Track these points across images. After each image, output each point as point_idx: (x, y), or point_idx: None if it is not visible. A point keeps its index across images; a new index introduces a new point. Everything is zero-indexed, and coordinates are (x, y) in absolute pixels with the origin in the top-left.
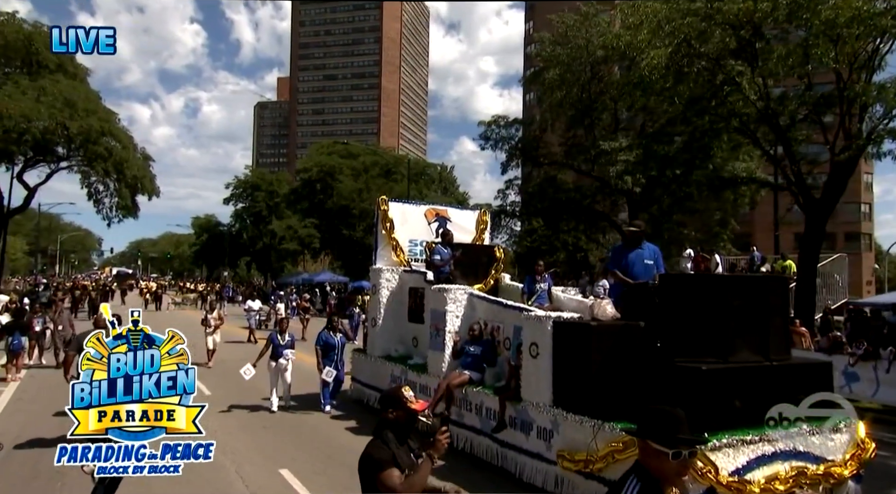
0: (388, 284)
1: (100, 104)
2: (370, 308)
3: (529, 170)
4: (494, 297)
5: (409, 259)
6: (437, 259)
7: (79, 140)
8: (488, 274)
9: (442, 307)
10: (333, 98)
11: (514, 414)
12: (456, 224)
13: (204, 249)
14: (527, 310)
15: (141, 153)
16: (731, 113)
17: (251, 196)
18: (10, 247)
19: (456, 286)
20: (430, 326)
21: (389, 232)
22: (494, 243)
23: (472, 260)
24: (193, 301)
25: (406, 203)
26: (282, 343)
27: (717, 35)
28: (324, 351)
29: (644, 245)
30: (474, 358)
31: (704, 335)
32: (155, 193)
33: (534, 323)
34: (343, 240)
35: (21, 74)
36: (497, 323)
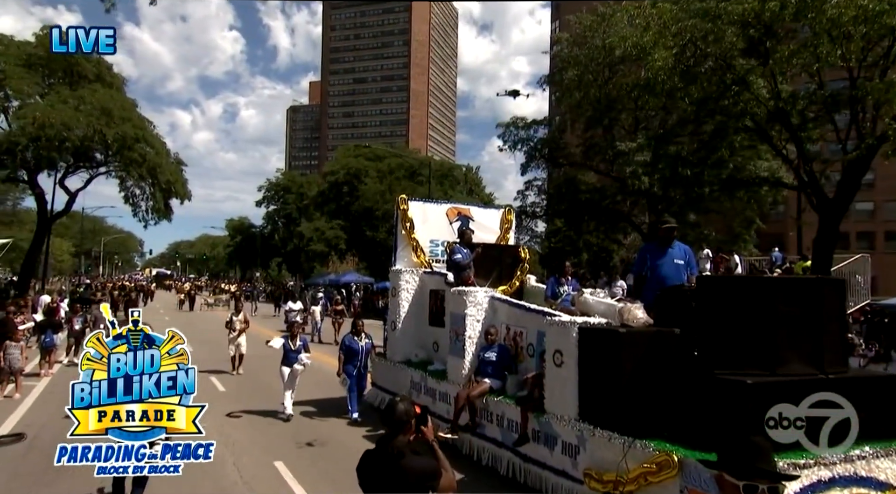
0: (408, 286)
1: (135, 112)
2: (389, 311)
3: (550, 171)
4: (517, 300)
5: (430, 260)
6: (458, 258)
7: (115, 146)
8: (513, 276)
9: (461, 310)
10: (363, 100)
11: (537, 427)
12: (479, 223)
13: (237, 250)
14: (550, 315)
15: (174, 158)
16: (742, 112)
17: (282, 198)
18: (56, 248)
19: (476, 288)
20: (450, 331)
21: (409, 232)
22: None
23: (496, 261)
24: (225, 302)
25: (427, 202)
26: (293, 348)
27: (727, 34)
28: (347, 356)
29: (675, 244)
30: (492, 364)
31: (749, 344)
32: (187, 197)
33: (558, 328)
34: (367, 242)
35: (62, 85)
36: (520, 328)
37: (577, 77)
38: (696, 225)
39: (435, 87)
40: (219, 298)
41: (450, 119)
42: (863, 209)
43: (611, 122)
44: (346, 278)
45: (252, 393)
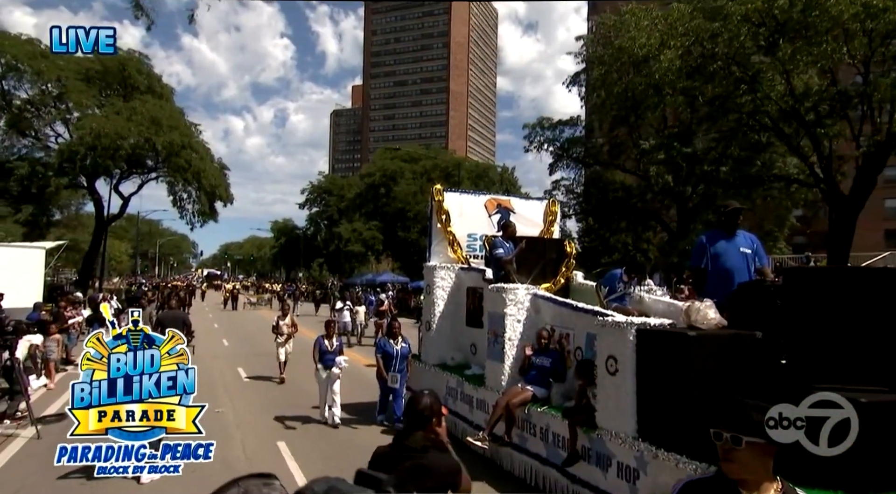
0: (444, 283)
1: (182, 120)
2: (424, 310)
3: (579, 171)
4: (563, 299)
5: (468, 255)
6: (500, 253)
7: (164, 153)
8: (558, 272)
9: (500, 309)
10: (403, 103)
11: (587, 444)
12: (520, 215)
13: (282, 251)
14: (602, 314)
15: (217, 163)
16: (755, 110)
17: (324, 200)
18: (115, 250)
19: (517, 285)
20: (489, 332)
21: (445, 225)
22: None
23: (539, 257)
24: (267, 301)
25: (464, 193)
26: (330, 349)
27: (739, 33)
28: (383, 360)
29: (738, 231)
30: (540, 370)
31: (858, 351)
32: (229, 200)
33: (611, 330)
34: (400, 242)
35: (116, 96)
36: (566, 330)
37: (602, 77)
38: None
39: (475, 88)
40: (261, 297)
41: (489, 120)
42: (891, 206)
43: (637, 121)
44: (382, 278)
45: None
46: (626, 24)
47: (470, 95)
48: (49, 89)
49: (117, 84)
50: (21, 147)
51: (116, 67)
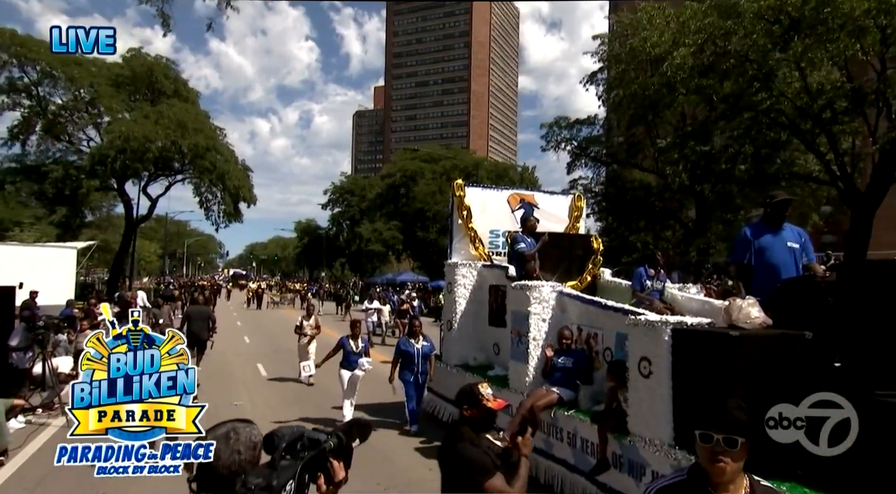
0: (465, 281)
1: (207, 123)
2: (445, 309)
3: (597, 170)
4: (591, 297)
5: (490, 252)
6: (521, 248)
7: (189, 155)
8: (584, 270)
9: (524, 308)
10: (425, 103)
11: (618, 451)
12: (545, 211)
13: (305, 251)
14: (634, 313)
15: (241, 165)
16: (770, 108)
17: (346, 201)
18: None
19: (541, 282)
20: (511, 331)
21: (466, 221)
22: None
23: (564, 253)
24: (290, 300)
25: (486, 188)
26: (355, 350)
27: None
28: (402, 360)
29: (784, 225)
30: (564, 372)
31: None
32: (253, 201)
33: (644, 330)
34: (419, 242)
35: (144, 101)
36: (594, 330)
37: (619, 75)
38: (726, 222)
39: (496, 88)
40: (284, 297)
41: (511, 119)
42: None
43: (654, 119)
44: (402, 277)
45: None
46: (638, 22)
47: (491, 95)
48: (82, 95)
49: (145, 88)
50: (55, 151)
51: (145, 73)
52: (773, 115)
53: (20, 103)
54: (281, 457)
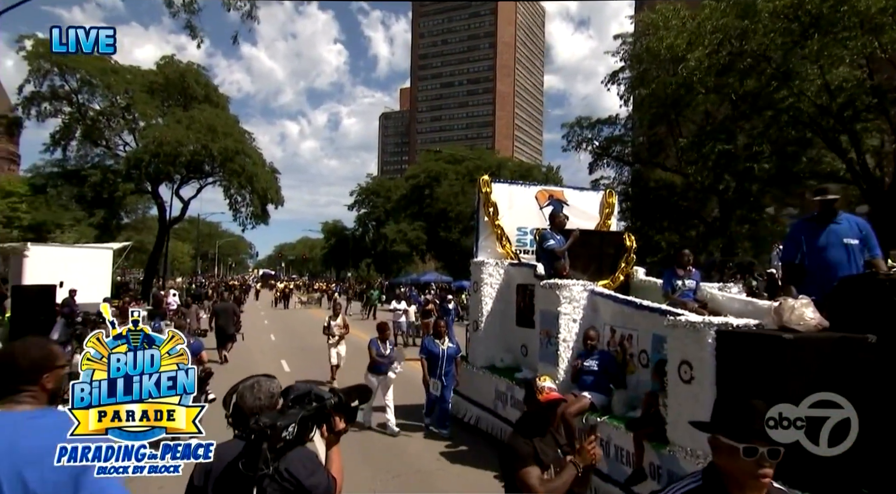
0: (492, 280)
1: (236, 127)
2: (471, 308)
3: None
4: (625, 296)
5: (517, 250)
6: (550, 245)
7: (219, 159)
8: (616, 268)
9: (554, 308)
10: (450, 104)
11: (656, 462)
12: (574, 208)
13: (332, 252)
14: (673, 314)
15: (269, 167)
16: (790, 106)
17: (371, 202)
18: (178, 251)
19: (572, 281)
20: (540, 332)
21: (493, 218)
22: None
23: (595, 251)
24: (317, 299)
25: (513, 184)
26: (384, 353)
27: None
28: (427, 362)
29: (841, 218)
30: (594, 375)
31: None
32: (280, 202)
33: (685, 331)
34: (441, 242)
35: (177, 106)
36: (628, 331)
37: (640, 75)
38: (747, 221)
39: (521, 88)
40: (311, 296)
41: (537, 119)
42: None
43: (676, 118)
44: (426, 277)
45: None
46: (654, 23)
47: (517, 95)
48: (118, 101)
49: (178, 94)
50: (94, 155)
51: (177, 79)
52: (792, 113)
53: (61, 110)
54: (289, 406)
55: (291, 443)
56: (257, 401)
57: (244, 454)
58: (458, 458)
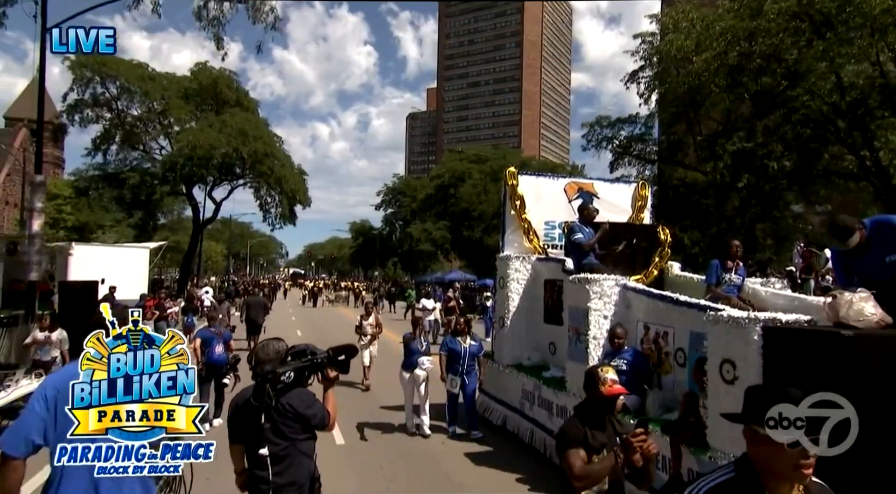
0: (518, 276)
1: (265, 131)
2: (497, 305)
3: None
4: (660, 291)
5: (545, 244)
6: (579, 238)
7: (249, 161)
8: (650, 263)
9: (584, 304)
10: (477, 104)
11: (696, 468)
12: (605, 201)
13: (359, 251)
14: (714, 309)
15: (297, 169)
16: (802, 104)
17: (398, 202)
18: (212, 251)
19: (602, 276)
20: (569, 329)
21: (520, 211)
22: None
23: (628, 244)
24: (344, 298)
25: (540, 176)
26: (419, 349)
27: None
28: (448, 360)
29: (873, 235)
30: (624, 375)
31: None
32: (307, 203)
33: (728, 328)
34: (465, 241)
35: (210, 111)
36: (663, 328)
37: (658, 75)
38: (797, 216)
39: (548, 87)
40: (339, 295)
41: (564, 117)
42: None
43: (696, 117)
44: (451, 276)
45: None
46: (665, 25)
47: (543, 93)
48: (154, 107)
49: (210, 99)
50: (132, 159)
51: (210, 84)
52: (803, 112)
53: (102, 116)
54: (289, 359)
55: (290, 385)
56: (267, 356)
57: (254, 391)
58: (482, 459)
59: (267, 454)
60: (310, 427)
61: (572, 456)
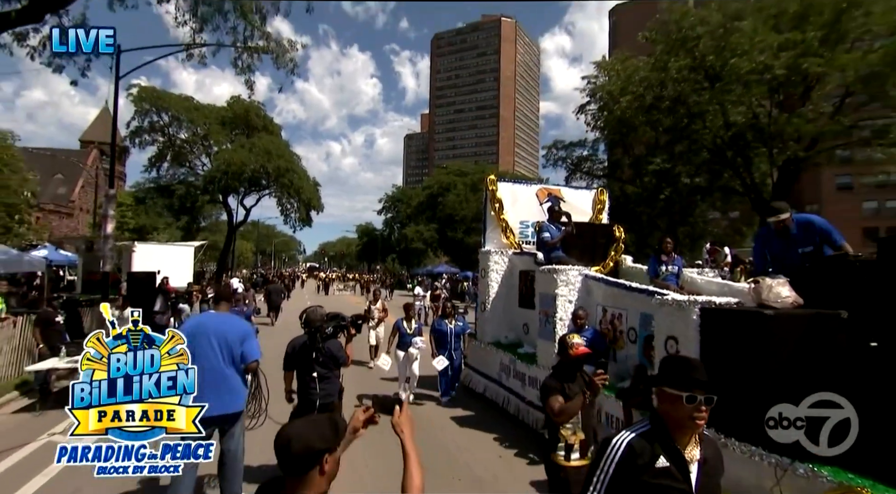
0: (498, 267)
1: (286, 150)
2: (479, 292)
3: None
4: (615, 279)
5: (520, 241)
6: (546, 236)
7: (273, 175)
8: (607, 256)
9: (552, 290)
10: (462, 127)
11: None
12: (570, 204)
13: (364, 249)
14: (660, 294)
15: (313, 181)
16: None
17: (396, 208)
18: (243, 248)
19: (568, 266)
20: (539, 312)
21: (499, 212)
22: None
23: (588, 241)
24: (352, 287)
25: (516, 183)
26: (409, 331)
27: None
28: (437, 339)
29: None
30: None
31: None
32: (321, 209)
33: (671, 309)
34: (450, 241)
35: (241, 134)
36: (618, 311)
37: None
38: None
39: (521, 113)
40: (347, 284)
41: (534, 138)
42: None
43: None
44: (438, 269)
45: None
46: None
47: (516, 119)
48: (198, 132)
49: (243, 125)
50: (180, 174)
51: (243, 113)
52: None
53: (157, 140)
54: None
55: (328, 337)
56: (315, 316)
57: (308, 339)
58: (466, 422)
59: (316, 376)
60: (338, 363)
61: (552, 401)
